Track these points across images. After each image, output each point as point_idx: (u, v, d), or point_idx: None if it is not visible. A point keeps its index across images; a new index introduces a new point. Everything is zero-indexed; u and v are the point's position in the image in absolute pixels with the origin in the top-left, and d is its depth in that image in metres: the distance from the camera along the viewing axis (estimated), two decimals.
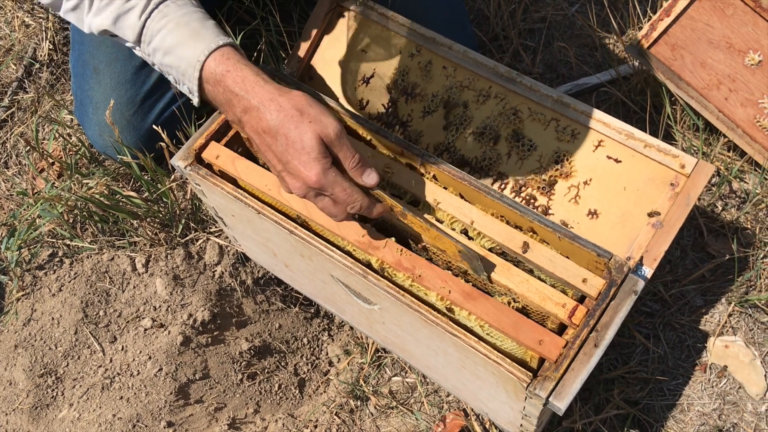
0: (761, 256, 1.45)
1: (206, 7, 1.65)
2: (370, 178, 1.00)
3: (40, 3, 1.15)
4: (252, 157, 1.28)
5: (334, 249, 1.10)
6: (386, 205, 1.04)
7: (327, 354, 1.60)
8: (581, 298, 1.05)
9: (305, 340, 1.61)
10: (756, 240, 1.47)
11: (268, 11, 1.74)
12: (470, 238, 1.09)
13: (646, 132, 1.57)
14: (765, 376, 1.38)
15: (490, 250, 1.08)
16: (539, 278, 1.05)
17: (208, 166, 1.21)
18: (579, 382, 0.97)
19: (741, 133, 1.46)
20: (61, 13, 1.16)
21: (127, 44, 1.13)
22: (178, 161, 1.20)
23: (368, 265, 1.10)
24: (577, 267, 1.03)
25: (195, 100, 1.09)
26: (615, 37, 1.76)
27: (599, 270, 1.05)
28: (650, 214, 1.09)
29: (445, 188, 1.13)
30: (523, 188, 1.19)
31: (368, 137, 1.19)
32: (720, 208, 1.52)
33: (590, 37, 1.79)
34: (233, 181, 1.21)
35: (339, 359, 1.57)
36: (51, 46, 1.90)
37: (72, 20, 1.16)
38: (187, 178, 1.41)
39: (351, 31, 1.32)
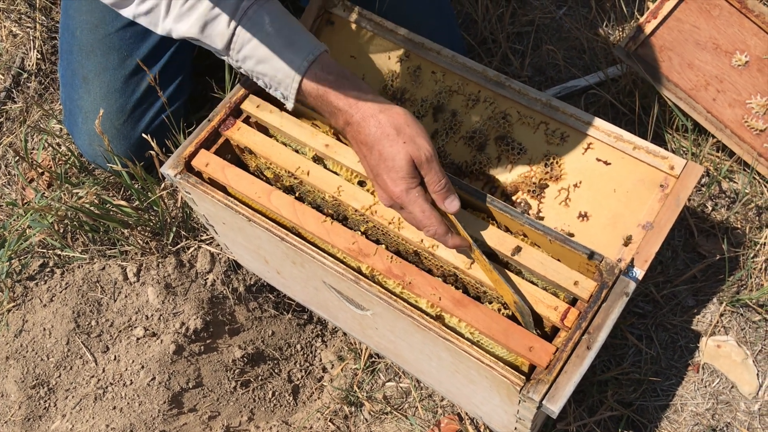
0: (751, 255, 1.46)
1: None
2: (452, 205, 1.03)
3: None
4: (242, 165, 1.28)
5: (326, 255, 1.10)
6: (462, 239, 1.04)
7: (320, 360, 1.60)
8: (573, 301, 1.05)
9: (298, 346, 1.61)
10: (746, 239, 1.48)
11: None
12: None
13: (635, 133, 1.57)
14: (757, 375, 1.39)
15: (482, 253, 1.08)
16: (530, 281, 1.06)
17: (198, 174, 1.21)
18: (572, 384, 0.97)
19: (729, 133, 1.46)
20: (130, 15, 1.13)
21: (214, 50, 1.13)
22: (168, 170, 1.19)
23: (359, 271, 1.10)
24: (568, 270, 1.03)
25: (289, 105, 1.12)
26: (603, 40, 1.77)
27: (590, 272, 1.05)
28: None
29: None
30: (514, 192, 1.19)
31: None
32: (710, 208, 1.52)
33: (578, 39, 1.80)
34: (224, 189, 1.20)
35: (333, 365, 1.57)
36: (39, 56, 1.89)
37: (144, 23, 1.13)
38: (177, 187, 1.41)
39: (339, 38, 1.32)
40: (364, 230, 1.16)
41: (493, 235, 1.07)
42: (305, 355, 1.60)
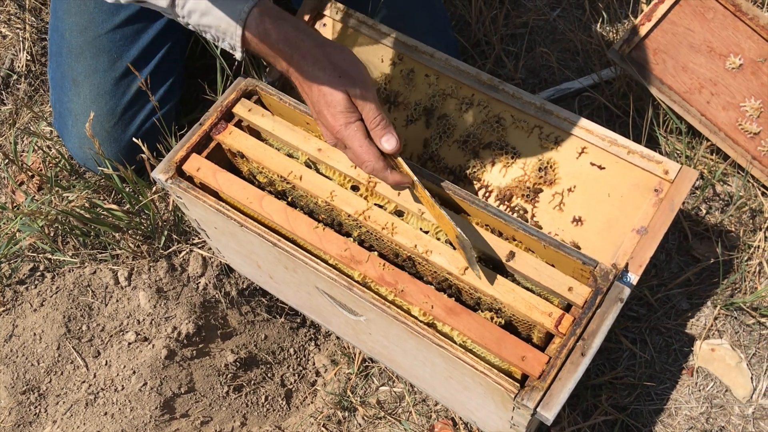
0: (745, 258, 1.45)
1: None
2: (389, 143, 1.04)
3: None
4: (234, 169, 1.27)
5: (319, 261, 1.09)
6: (404, 175, 1.05)
7: (314, 364, 1.59)
8: (567, 307, 1.04)
9: (291, 350, 1.60)
10: (740, 243, 1.47)
11: None
12: (455, 248, 1.09)
13: (629, 136, 1.57)
14: (751, 378, 1.38)
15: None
16: (526, 287, 1.05)
17: (190, 179, 1.20)
18: (567, 391, 0.96)
19: (723, 136, 1.46)
20: None
21: (161, 9, 1.15)
22: (159, 174, 1.18)
23: (352, 278, 1.09)
24: (562, 275, 1.02)
25: (238, 56, 1.15)
26: (597, 42, 1.76)
27: (585, 278, 1.05)
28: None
29: None
30: (507, 196, 1.19)
31: None
32: (704, 211, 1.52)
33: (572, 41, 1.79)
34: (216, 193, 1.19)
35: (326, 369, 1.56)
36: (29, 57, 1.87)
37: None
38: (168, 191, 1.40)
39: (333, 40, 1.31)
40: (357, 235, 1.15)
41: (486, 240, 1.06)
42: (298, 359, 1.59)
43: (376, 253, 1.09)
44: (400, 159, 1.06)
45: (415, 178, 1.05)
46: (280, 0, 1.80)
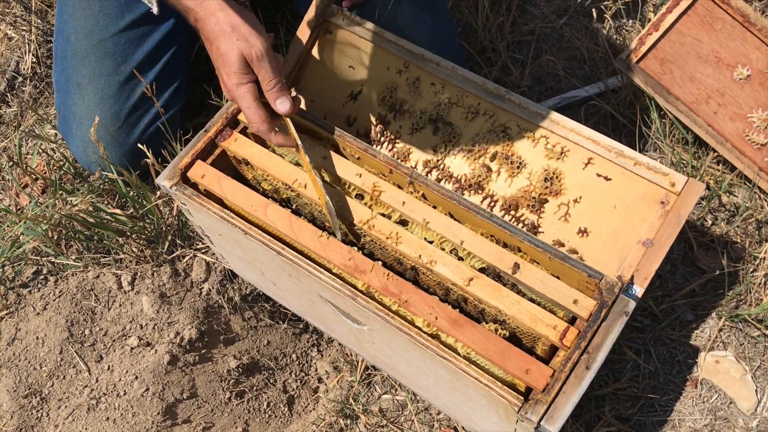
0: (751, 270, 1.45)
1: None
2: (283, 105, 1.09)
3: None
4: (239, 176, 1.27)
5: (322, 270, 1.09)
6: (287, 138, 1.12)
7: (316, 370, 1.59)
8: (572, 319, 1.04)
9: (294, 356, 1.59)
10: (746, 254, 1.47)
11: None
12: (460, 258, 1.08)
13: (635, 145, 1.57)
14: (756, 391, 1.38)
15: (480, 270, 1.07)
16: (531, 300, 1.05)
17: (194, 185, 1.20)
18: (571, 405, 0.96)
19: (730, 147, 1.45)
20: None
21: None
22: (164, 181, 1.18)
23: (355, 287, 1.09)
24: (567, 288, 1.02)
25: (154, 9, 1.19)
26: (603, 50, 1.75)
27: (590, 290, 1.04)
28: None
29: (435, 207, 1.12)
30: (513, 206, 1.18)
31: (356, 155, 1.17)
32: (710, 222, 1.51)
33: (579, 50, 1.78)
34: (220, 200, 1.19)
35: (328, 375, 1.56)
36: (34, 60, 1.87)
37: None
38: (173, 197, 1.40)
39: (338, 47, 1.30)
40: (361, 244, 1.15)
41: (491, 252, 1.06)
42: (301, 365, 1.59)
43: (380, 262, 1.09)
44: (288, 121, 1.11)
45: (299, 143, 1.11)
46: (283, 5, 1.80)
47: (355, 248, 1.11)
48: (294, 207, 1.23)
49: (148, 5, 1.19)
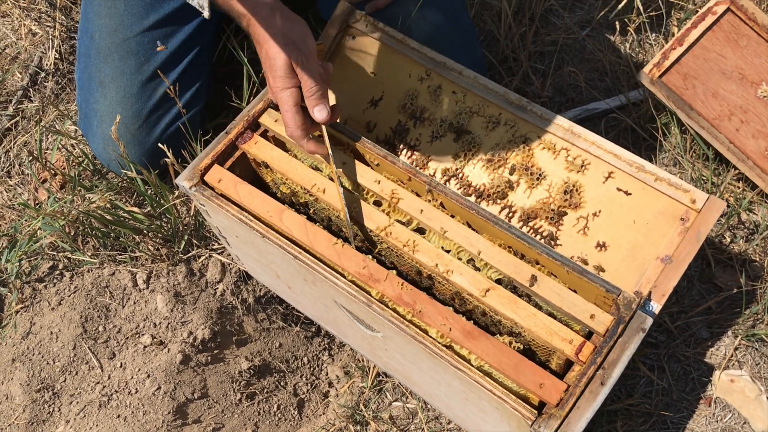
0: None
1: (215, 21, 1.65)
2: (320, 113, 1.11)
3: None
4: (258, 178, 1.27)
5: (338, 276, 1.09)
6: (319, 146, 1.14)
7: (327, 374, 1.59)
8: (588, 334, 1.03)
9: (305, 359, 1.59)
10: (764, 273, 1.45)
11: None
12: (477, 269, 1.08)
13: (655, 160, 1.56)
14: None
15: (497, 281, 1.07)
16: (548, 313, 1.04)
17: (213, 187, 1.20)
18: (585, 420, 0.95)
19: (751, 164, 1.44)
20: None
21: None
22: (183, 181, 1.18)
23: (371, 294, 1.09)
24: (584, 302, 1.01)
25: (205, 14, 1.21)
26: (625, 63, 1.75)
27: (607, 305, 1.03)
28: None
29: (453, 216, 1.12)
30: (531, 218, 1.18)
31: (376, 162, 1.17)
32: (728, 239, 1.50)
33: (601, 62, 1.78)
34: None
35: (339, 380, 1.55)
36: (57, 56, 1.89)
37: None
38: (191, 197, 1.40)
39: (361, 53, 1.31)
40: (377, 251, 1.15)
41: (509, 263, 1.05)
42: (312, 369, 1.59)
43: (394, 271, 1.08)
44: (324, 129, 1.13)
45: (330, 152, 1.12)
46: (306, 8, 1.80)
47: (370, 256, 1.11)
48: (311, 211, 1.23)
49: (199, 9, 1.21)
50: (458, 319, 1.02)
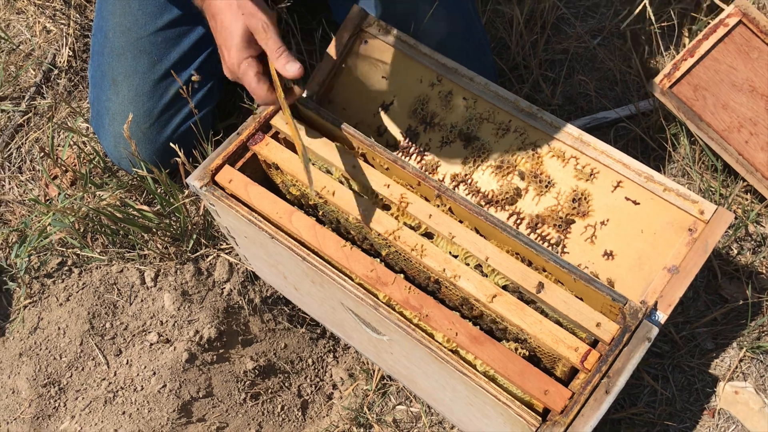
0: None
1: None
2: (293, 67, 1.10)
3: None
4: (269, 179, 1.28)
5: (346, 279, 1.09)
6: (277, 100, 1.14)
7: (331, 376, 1.59)
8: (594, 342, 1.03)
9: (310, 360, 1.60)
10: None
11: (290, 30, 1.74)
12: (484, 275, 1.08)
13: (663, 170, 1.56)
14: None
15: (504, 287, 1.07)
16: (555, 320, 1.04)
17: (224, 187, 1.21)
18: (589, 428, 0.95)
19: (760, 177, 1.44)
20: None
21: None
22: (194, 181, 1.19)
23: (378, 297, 1.09)
24: (591, 310, 1.02)
25: None
26: (636, 73, 1.75)
27: (613, 314, 1.04)
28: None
29: (461, 222, 1.13)
30: (539, 225, 1.18)
31: (386, 166, 1.18)
32: (735, 251, 1.50)
33: (611, 71, 1.78)
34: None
35: (343, 382, 1.56)
36: (71, 53, 1.90)
37: None
38: (201, 197, 1.41)
39: (373, 57, 1.31)
40: (385, 254, 1.15)
41: (516, 270, 1.05)
42: (316, 370, 1.59)
43: (402, 275, 1.09)
44: (281, 97, 1.13)
45: (290, 114, 1.14)
46: (320, 12, 1.81)
47: (378, 260, 1.11)
48: (320, 214, 1.23)
49: None
50: (465, 324, 1.03)
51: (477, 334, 1.02)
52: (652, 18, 1.66)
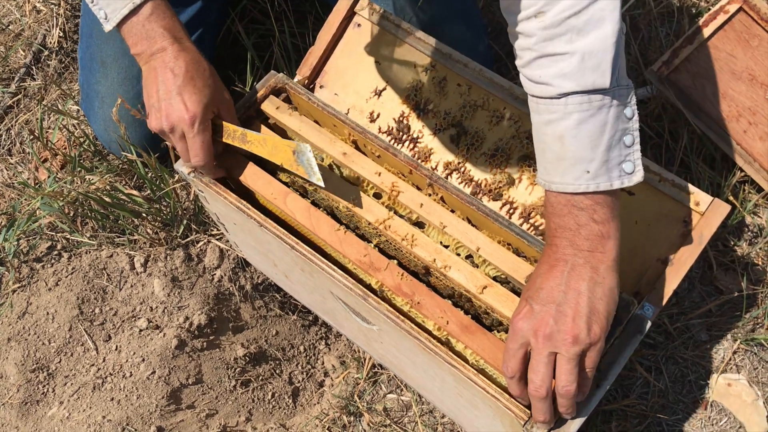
0: None
1: (220, 4, 1.63)
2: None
3: None
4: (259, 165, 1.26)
5: (336, 269, 1.08)
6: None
7: (323, 364, 1.58)
8: None
9: (301, 348, 1.59)
10: (766, 277, 1.44)
11: (283, 12, 1.71)
12: (475, 265, 1.07)
13: (661, 159, 1.54)
14: (767, 417, 1.35)
15: (494, 278, 1.06)
16: None
17: None
18: (579, 421, 0.94)
19: (758, 167, 1.42)
20: None
21: None
22: (182, 167, 1.17)
23: (368, 287, 1.08)
24: None
25: (106, 27, 1.12)
26: (634, 60, 1.72)
27: None
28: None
29: (453, 211, 1.11)
30: (532, 215, 1.16)
31: (377, 153, 1.16)
32: (731, 242, 1.48)
33: None
34: (236, 190, 1.18)
35: (334, 370, 1.55)
36: (61, 34, 1.87)
37: None
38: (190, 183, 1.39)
39: (366, 41, 1.29)
40: (376, 243, 1.14)
41: (507, 260, 1.04)
42: (308, 358, 1.58)
43: (395, 261, 1.07)
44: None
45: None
46: None
47: (372, 245, 1.10)
48: (311, 200, 1.22)
49: (100, 19, 1.14)
50: (456, 313, 1.02)
51: (468, 323, 1.01)
52: (652, 3, 1.63)
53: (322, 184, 1.07)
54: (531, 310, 0.90)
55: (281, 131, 1.22)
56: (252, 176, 1.15)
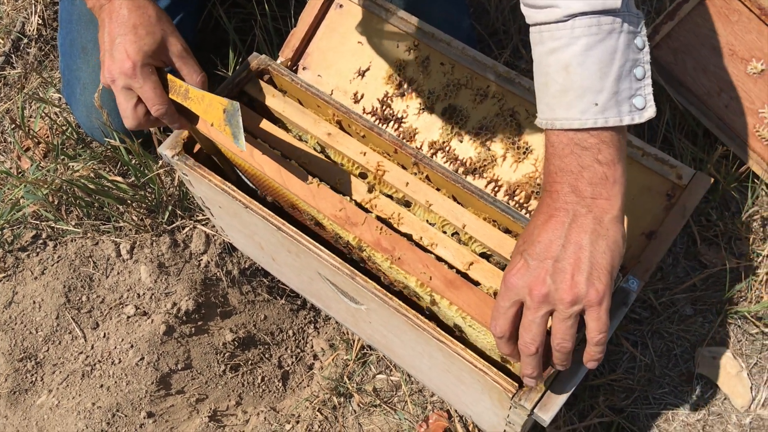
0: (753, 267, 1.44)
1: None
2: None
3: None
4: None
5: (322, 248, 1.08)
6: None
7: (312, 347, 1.59)
8: None
9: (290, 332, 1.59)
10: (749, 251, 1.46)
11: None
12: (462, 243, 1.07)
13: (643, 136, 1.55)
14: (751, 388, 1.37)
15: (481, 255, 1.06)
16: None
17: (196, 156, 1.19)
18: (565, 394, 0.95)
19: (740, 142, 1.44)
20: None
21: None
22: (166, 150, 1.17)
23: (355, 264, 1.08)
24: None
25: None
26: None
27: None
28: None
29: (438, 190, 1.11)
30: (517, 192, 1.17)
31: (362, 133, 1.16)
32: (715, 216, 1.50)
33: None
34: (221, 172, 1.18)
35: (324, 353, 1.55)
36: (40, 21, 1.85)
37: None
38: (174, 167, 1.39)
39: (348, 22, 1.28)
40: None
41: (493, 237, 1.04)
42: (297, 341, 1.59)
43: (374, 215, 1.06)
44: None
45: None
46: None
47: (348, 198, 1.08)
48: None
49: None
50: (440, 267, 0.99)
51: (453, 278, 0.98)
52: None
53: (244, 148, 0.99)
54: (526, 266, 0.83)
55: (269, 114, 1.21)
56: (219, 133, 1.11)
